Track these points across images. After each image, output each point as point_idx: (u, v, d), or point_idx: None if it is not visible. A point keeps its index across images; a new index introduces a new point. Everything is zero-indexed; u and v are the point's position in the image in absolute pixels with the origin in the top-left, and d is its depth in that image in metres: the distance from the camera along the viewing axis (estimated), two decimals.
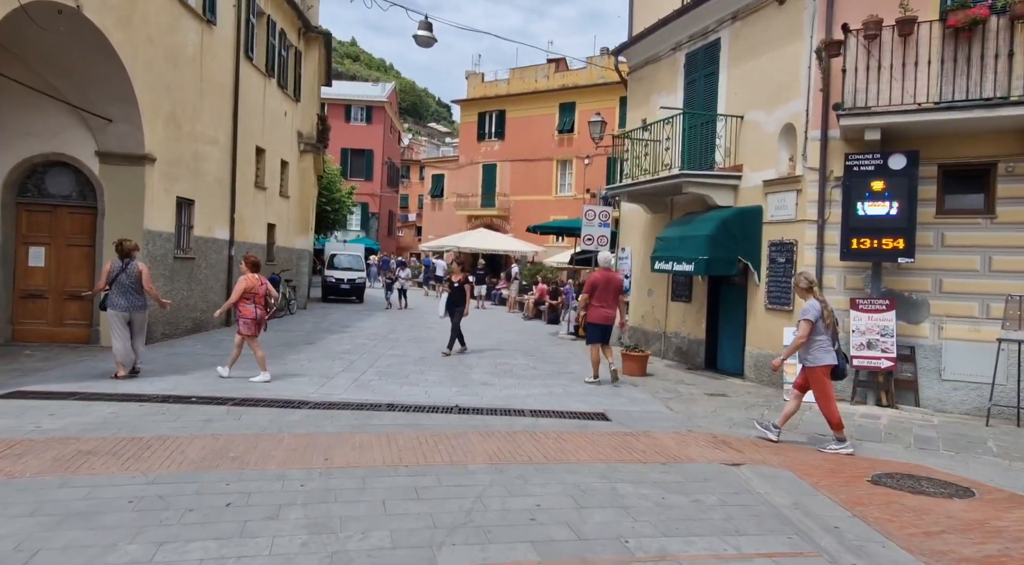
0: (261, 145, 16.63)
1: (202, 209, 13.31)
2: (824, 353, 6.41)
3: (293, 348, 11.88)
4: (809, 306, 6.51)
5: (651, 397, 9.00)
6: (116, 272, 8.41)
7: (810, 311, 6.44)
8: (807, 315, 6.43)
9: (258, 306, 8.78)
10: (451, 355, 11.71)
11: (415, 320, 18.64)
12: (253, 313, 8.72)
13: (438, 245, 36.34)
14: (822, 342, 6.42)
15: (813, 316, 6.43)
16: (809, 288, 6.64)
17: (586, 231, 14.39)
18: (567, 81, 37.90)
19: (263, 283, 8.92)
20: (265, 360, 8.85)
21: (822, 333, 6.42)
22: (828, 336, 6.43)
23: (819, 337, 6.43)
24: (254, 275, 8.85)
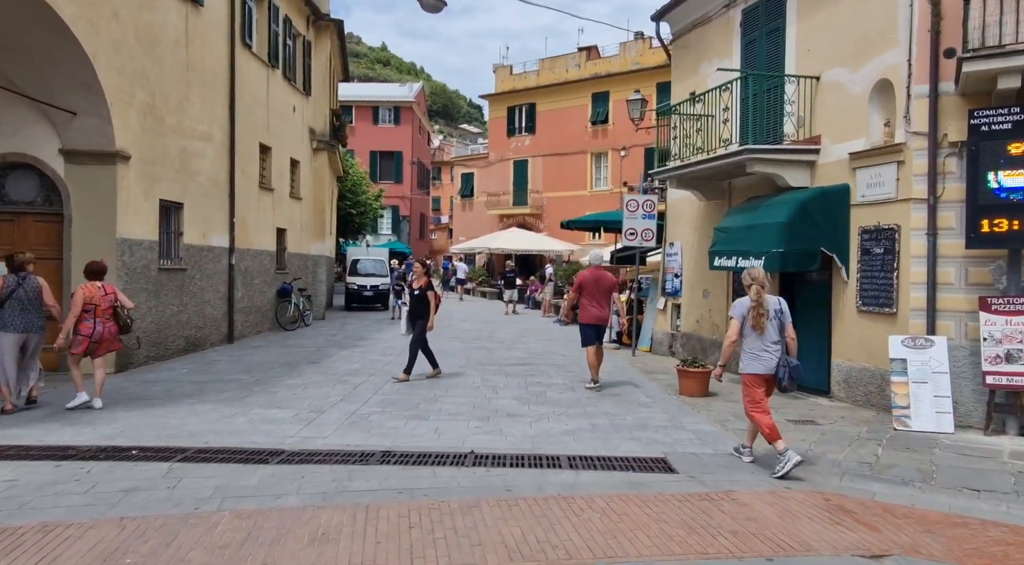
0: (266, 142, 15.16)
1: (194, 213, 11.84)
2: (749, 360, 5.77)
3: (293, 369, 10.29)
4: (737, 303, 5.92)
5: (721, 429, 7.10)
6: (11, 288, 7.21)
7: (736, 308, 5.88)
8: (732, 313, 5.92)
9: (102, 321, 7.41)
10: (409, 380, 9.34)
11: (439, 329, 16.93)
12: (90, 329, 7.34)
13: (468, 247, 34.72)
14: (748, 345, 5.78)
15: (738, 314, 5.82)
16: (749, 285, 5.85)
17: (628, 224, 12.51)
18: (599, 69, 35.95)
19: (109, 293, 7.55)
20: (102, 384, 7.50)
21: (749, 335, 5.75)
22: (760, 338, 5.71)
23: (745, 339, 5.79)
24: (94, 283, 7.50)
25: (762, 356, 5.71)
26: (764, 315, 5.70)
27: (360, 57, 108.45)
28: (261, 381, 9.25)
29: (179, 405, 7.58)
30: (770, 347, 5.71)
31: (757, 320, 5.69)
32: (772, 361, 5.69)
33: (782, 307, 5.88)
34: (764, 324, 5.68)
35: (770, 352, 5.70)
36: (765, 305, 5.73)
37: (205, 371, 10.04)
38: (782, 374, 5.66)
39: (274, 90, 15.61)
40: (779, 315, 5.81)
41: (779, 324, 5.80)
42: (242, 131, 13.73)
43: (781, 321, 5.81)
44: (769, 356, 5.70)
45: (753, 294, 5.75)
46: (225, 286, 13.18)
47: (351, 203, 29.66)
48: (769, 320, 5.72)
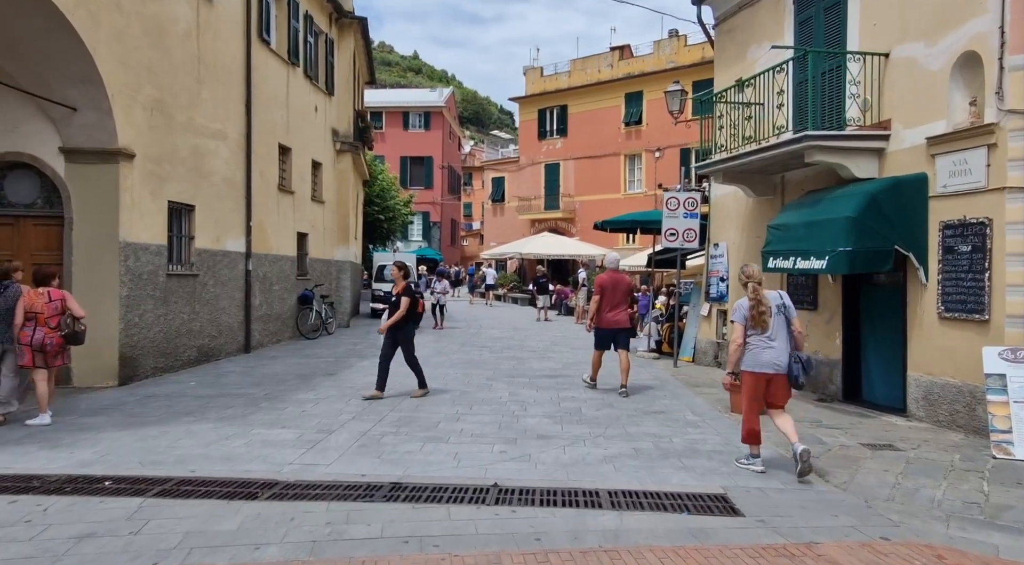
0: (285, 143, 14.56)
1: (206, 216, 11.23)
2: (751, 357, 5.55)
3: (307, 382, 9.55)
4: (737, 305, 5.68)
5: (788, 456, 6.10)
6: None
7: (737, 310, 5.64)
8: (734, 316, 5.68)
9: (44, 329, 6.83)
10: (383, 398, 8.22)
11: (467, 338, 16.15)
12: (28, 337, 6.77)
13: (499, 252, 33.93)
14: (751, 344, 5.55)
15: (739, 316, 5.59)
16: (745, 283, 5.69)
17: (668, 224, 11.53)
18: (633, 68, 34.97)
19: (55, 299, 6.93)
20: (46, 399, 6.87)
21: (753, 334, 5.53)
22: (763, 336, 5.50)
23: (750, 337, 5.55)
24: (37, 290, 6.97)
25: (765, 353, 5.50)
26: (766, 312, 5.49)
27: (392, 66, 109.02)
28: (271, 395, 8.52)
29: (175, 424, 6.86)
30: (775, 344, 5.50)
31: (758, 318, 5.48)
32: (775, 359, 5.48)
33: (784, 301, 5.67)
34: (767, 321, 5.49)
35: (775, 349, 5.50)
36: (765, 302, 5.53)
37: (214, 384, 9.36)
38: (796, 371, 5.49)
39: (294, 89, 15.03)
40: (783, 310, 5.60)
41: (784, 319, 5.58)
42: (260, 130, 13.14)
43: (786, 316, 5.59)
44: (774, 353, 5.49)
45: (750, 292, 5.56)
46: (241, 293, 12.55)
47: (379, 208, 29.12)
48: (772, 316, 5.51)
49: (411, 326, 8.68)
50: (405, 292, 8.52)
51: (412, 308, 8.53)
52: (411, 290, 8.61)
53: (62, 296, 7.04)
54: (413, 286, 9.13)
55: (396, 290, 8.61)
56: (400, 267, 8.74)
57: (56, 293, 7.01)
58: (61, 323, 6.90)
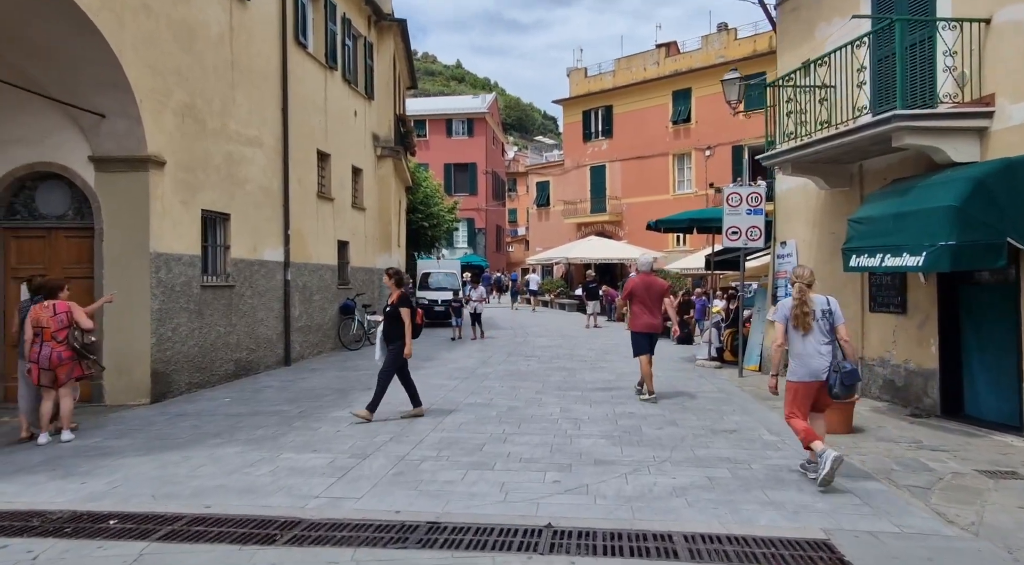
0: (324, 148, 14.17)
1: (242, 225, 10.84)
2: (795, 365, 5.42)
3: (345, 397, 9.00)
4: (780, 304, 5.61)
5: (892, 486, 5.19)
6: (24, 313, 6.72)
7: (779, 310, 5.55)
8: (774, 315, 5.65)
9: (50, 344, 6.49)
10: (371, 421, 7.37)
11: (513, 347, 15.45)
12: (36, 354, 6.47)
13: (545, 257, 33.22)
14: (794, 349, 5.40)
15: (780, 316, 5.50)
16: (792, 282, 5.55)
17: (730, 222, 10.61)
18: (680, 65, 33.88)
19: (60, 312, 6.58)
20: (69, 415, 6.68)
21: (795, 338, 5.39)
22: (805, 341, 5.33)
23: (792, 343, 5.43)
24: (42, 304, 6.65)
25: (810, 362, 5.30)
26: (809, 314, 5.29)
27: (435, 75, 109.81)
28: (305, 413, 7.97)
29: (201, 447, 6.34)
30: (819, 350, 5.30)
31: (800, 318, 5.29)
32: (821, 366, 5.27)
33: (831, 307, 5.41)
34: (809, 323, 5.29)
35: (819, 356, 5.29)
36: (810, 304, 5.33)
37: (248, 400, 8.89)
38: (833, 380, 5.26)
39: (333, 93, 14.64)
40: (828, 316, 5.37)
41: (829, 326, 5.36)
42: (297, 136, 12.75)
43: (831, 322, 5.37)
44: (818, 360, 5.28)
45: (796, 291, 5.38)
46: (280, 304, 12.15)
47: (423, 215, 28.75)
48: (816, 320, 5.31)
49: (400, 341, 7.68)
50: (401, 302, 7.63)
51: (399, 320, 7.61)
52: (407, 300, 7.76)
53: (67, 308, 6.66)
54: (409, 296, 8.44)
55: (391, 300, 7.71)
56: (392, 275, 7.93)
57: (62, 305, 6.65)
58: (69, 337, 6.50)
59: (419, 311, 8.02)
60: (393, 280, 7.86)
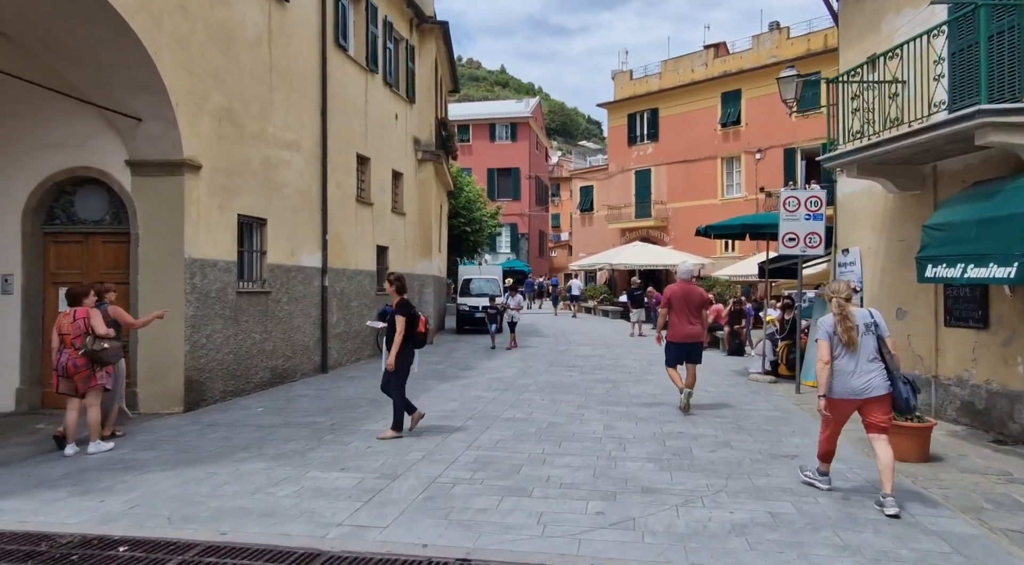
0: (364, 152, 13.99)
1: (279, 230, 10.67)
2: (836, 381, 5.08)
3: (380, 408, 8.68)
4: (821, 321, 5.31)
5: (984, 528, 4.56)
6: None
7: (821, 327, 5.21)
8: (816, 333, 5.31)
9: (69, 351, 6.37)
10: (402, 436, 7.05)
11: (555, 356, 14.98)
12: (56, 361, 6.41)
13: (589, 263, 32.66)
14: (840, 366, 5.07)
15: (822, 333, 5.16)
16: (830, 299, 5.29)
17: (787, 228, 9.95)
18: (729, 66, 32.96)
19: (79, 318, 6.45)
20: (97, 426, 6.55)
21: (842, 356, 5.08)
22: (853, 357, 5.04)
23: (837, 361, 5.09)
24: (66, 311, 6.59)
25: (855, 378, 5.05)
26: (853, 329, 5.06)
27: (480, 81, 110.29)
28: (338, 425, 7.68)
29: (227, 462, 6.08)
30: (866, 368, 5.06)
31: (847, 334, 5.05)
32: (868, 382, 5.03)
33: (876, 320, 5.19)
34: (856, 338, 5.06)
35: (863, 373, 5.06)
36: (852, 318, 5.10)
37: (282, 410, 8.65)
38: (905, 392, 5.07)
39: (373, 97, 14.46)
40: (873, 329, 5.15)
41: (875, 339, 5.13)
42: (336, 140, 12.58)
43: (877, 335, 5.14)
44: (865, 377, 5.04)
45: (835, 307, 5.18)
46: (318, 310, 11.95)
47: (465, 220, 28.55)
48: (861, 335, 5.08)
49: (410, 350, 7.29)
50: (399, 309, 7.18)
51: (411, 328, 7.19)
52: (407, 306, 7.27)
53: (86, 314, 6.49)
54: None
55: (394, 306, 7.29)
56: (393, 281, 7.41)
57: (81, 312, 6.50)
58: (84, 343, 6.33)
59: (422, 318, 7.52)
60: (394, 286, 7.36)
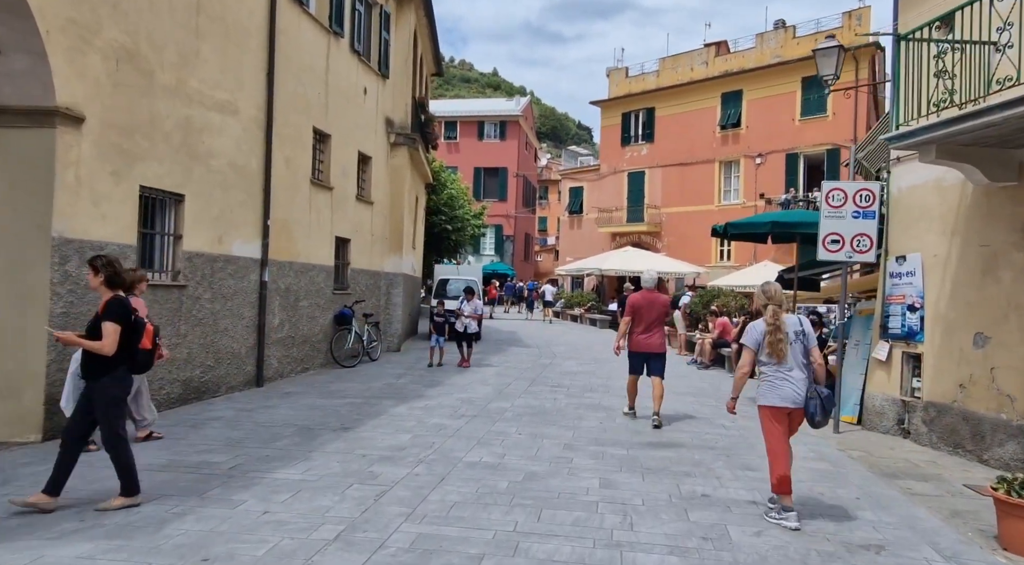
0: (323, 127, 11.96)
1: (202, 210, 8.63)
2: (768, 389, 4.90)
3: (308, 442, 6.66)
4: (750, 328, 5.02)
5: None
6: None
7: (749, 334, 4.99)
8: (745, 340, 5.03)
9: None
10: (122, 507, 4.60)
11: (537, 372, 13.01)
12: None
13: (576, 268, 30.75)
14: (766, 375, 4.91)
15: (751, 341, 4.94)
16: (764, 305, 4.99)
17: (829, 228, 8.04)
18: (731, 65, 31.34)
19: None
20: None
21: (767, 363, 4.88)
22: (779, 366, 4.83)
23: (762, 368, 4.93)
24: None
25: (782, 385, 4.82)
26: (783, 340, 4.81)
27: (471, 82, 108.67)
28: (239, 470, 5.64)
29: (32, 541, 4.03)
30: (791, 375, 4.83)
31: (775, 346, 4.81)
32: (795, 392, 4.80)
33: (804, 328, 4.97)
34: (784, 350, 4.81)
35: (791, 381, 4.82)
36: (784, 328, 4.85)
37: (179, 441, 6.60)
38: (813, 408, 4.78)
39: (337, 64, 12.44)
40: (801, 337, 4.91)
41: (802, 348, 4.90)
42: (286, 109, 10.55)
43: (804, 344, 4.91)
44: (791, 385, 4.81)
45: (770, 315, 4.89)
46: (253, 310, 9.89)
47: (447, 218, 26.54)
48: (790, 344, 4.84)
49: (122, 376, 4.72)
50: (108, 311, 4.56)
51: (127, 343, 4.64)
52: (121, 308, 4.62)
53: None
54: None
55: (99, 309, 4.67)
56: (101, 267, 4.66)
57: None
58: None
59: (149, 329, 5.04)
60: (101, 275, 4.65)
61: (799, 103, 28.90)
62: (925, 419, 7.45)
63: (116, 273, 4.72)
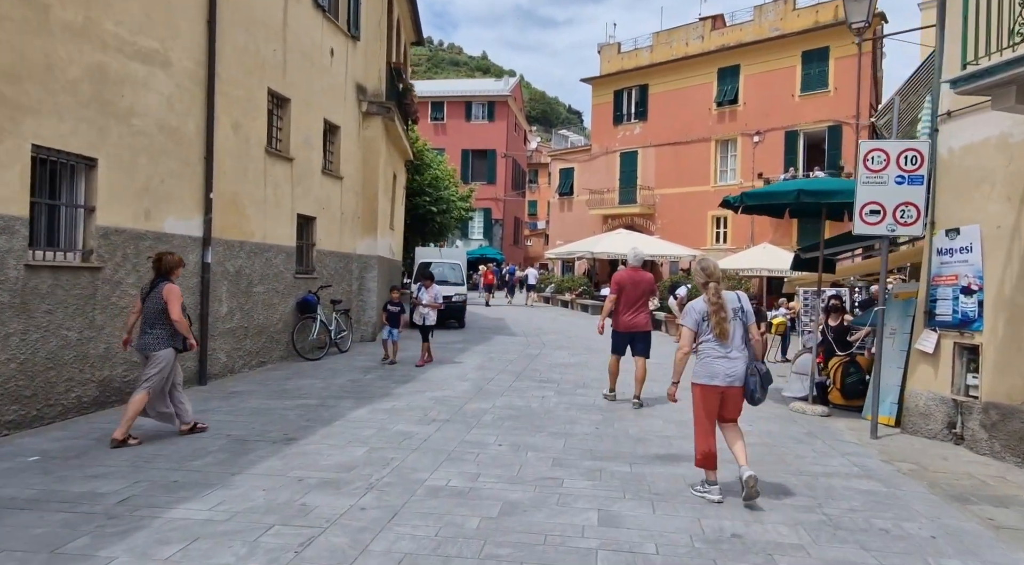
0: (280, 91, 10.54)
1: (122, 178, 7.24)
2: (701, 367, 4.75)
3: (241, 455, 5.35)
4: (689, 307, 4.83)
5: None
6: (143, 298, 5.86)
7: (689, 314, 4.80)
8: (684, 320, 4.81)
9: None
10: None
11: (524, 364, 11.75)
12: None
13: (567, 251, 29.42)
14: (704, 353, 4.73)
15: (691, 321, 4.76)
16: (705, 283, 4.79)
17: (867, 196, 6.75)
18: (727, 39, 29.97)
19: None
20: None
21: (708, 342, 4.71)
22: (720, 345, 4.67)
23: (701, 345, 4.75)
24: None
25: (717, 363, 4.66)
26: (726, 319, 4.65)
27: (460, 66, 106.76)
28: (124, 508, 4.32)
29: None
30: (731, 353, 4.66)
31: (720, 325, 4.63)
32: (734, 369, 4.63)
33: (742, 304, 4.80)
34: (728, 329, 4.65)
35: (729, 359, 4.65)
36: (726, 308, 4.67)
37: (66, 463, 5.27)
38: (753, 384, 4.63)
39: (297, 20, 10.99)
40: (740, 314, 4.75)
41: (741, 325, 4.73)
42: (233, 65, 9.14)
43: (743, 321, 4.74)
44: (729, 363, 4.64)
45: (711, 294, 4.70)
46: (194, 296, 8.53)
47: (431, 200, 25.12)
48: (731, 321, 4.67)
49: None
50: None
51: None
52: None
53: None
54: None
55: None
56: None
57: None
58: None
59: None
60: None
61: (799, 78, 27.60)
62: (985, 423, 6.22)
63: None
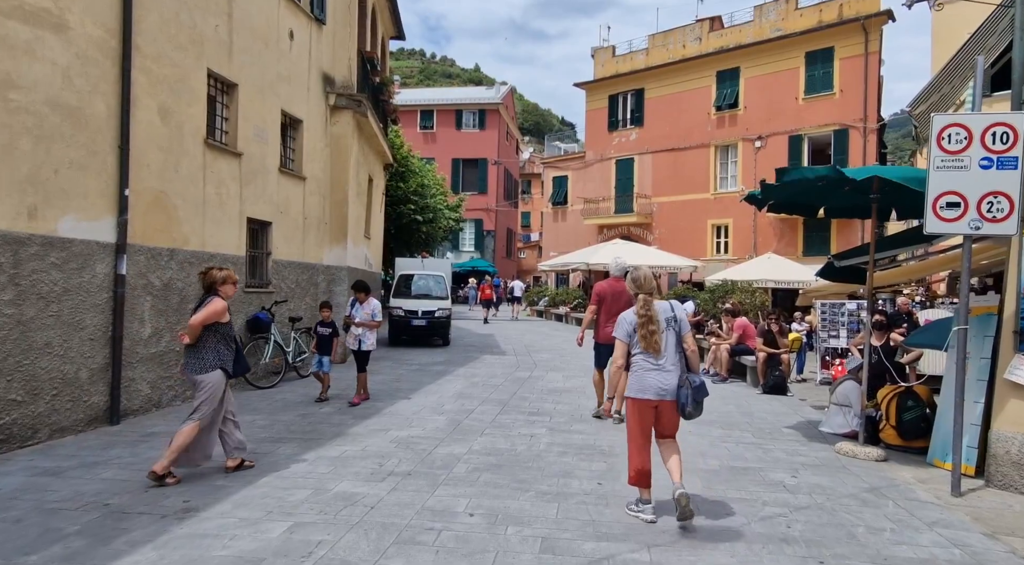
0: (225, 74, 9.04)
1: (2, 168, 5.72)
2: (634, 380, 4.52)
3: (106, 542, 3.78)
4: (621, 319, 4.65)
5: None
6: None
7: (620, 325, 4.62)
8: (616, 331, 4.65)
9: None
10: None
11: (513, 390, 10.20)
12: None
13: (561, 263, 27.95)
14: (636, 365, 4.51)
15: (623, 333, 4.59)
16: (635, 294, 4.63)
17: (942, 185, 5.28)
18: (726, 41, 28.76)
19: None
20: None
21: (640, 354, 4.50)
22: (650, 357, 4.45)
23: (634, 357, 4.54)
24: None
25: (649, 376, 4.44)
26: (657, 331, 4.46)
27: (452, 78, 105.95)
28: None
29: None
30: (663, 364, 4.46)
31: (649, 338, 4.44)
32: (662, 383, 4.42)
33: (676, 314, 4.59)
34: (658, 341, 4.45)
35: (661, 371, 4.44)
36: (656, 317, 4.49)
37: None
38: (684, 397, 4.40)
39: None
40: (673, 324, 4.54)
41: (675, 336, 4.53)
42: (160, 38, 7.64)
43: (677, 331, 4.54)
44: (661, 376, 4.43)
45: (640, 306, 4.53)
46: (104, 315, 6.97)
47: (416, 208, 23.69)
48: (662, 333, 4.47)
49: None
50: None
51: None
52: None
53: None
54: None
55: None
56: None
57: None
58: None
59: None
60: None
61: (802, 80, 26.34)
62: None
63: None
